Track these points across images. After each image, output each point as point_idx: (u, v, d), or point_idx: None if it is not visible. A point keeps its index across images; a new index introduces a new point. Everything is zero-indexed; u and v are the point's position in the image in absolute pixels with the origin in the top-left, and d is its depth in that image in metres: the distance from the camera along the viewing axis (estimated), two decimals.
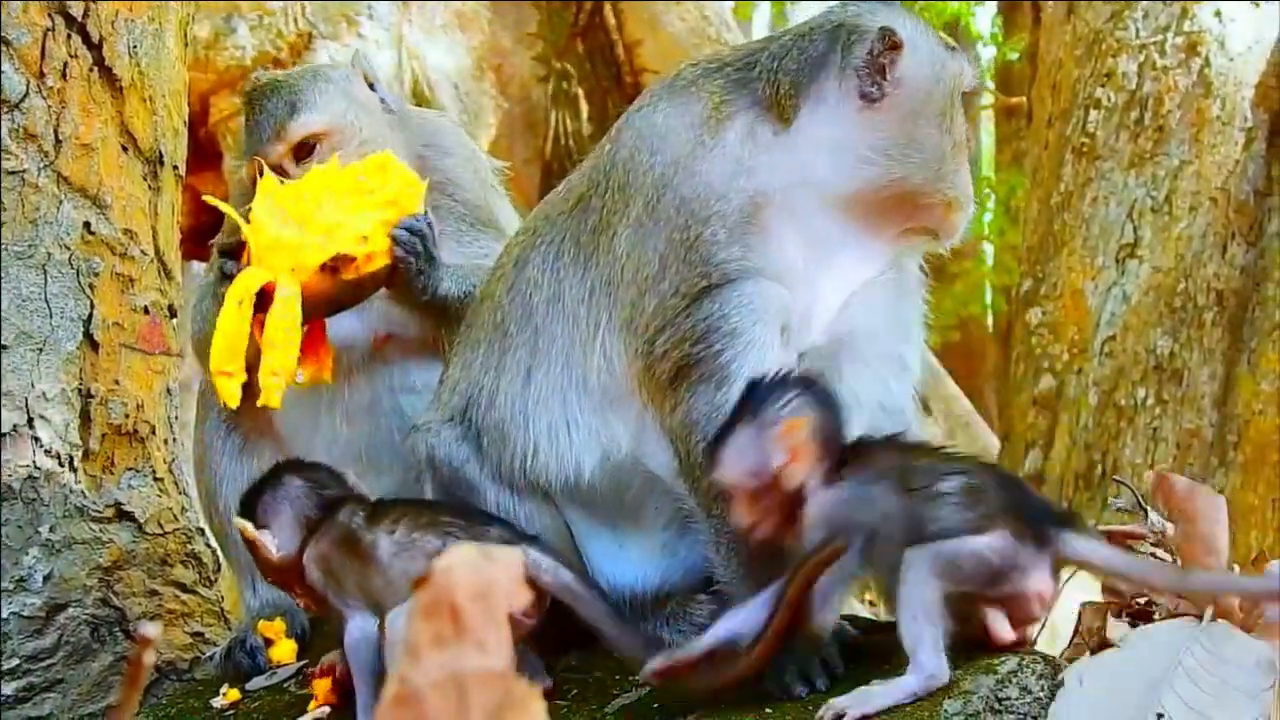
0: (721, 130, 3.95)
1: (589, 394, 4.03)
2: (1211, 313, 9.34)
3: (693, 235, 3.85)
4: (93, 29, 4.79)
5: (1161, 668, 3.27)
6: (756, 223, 3.86)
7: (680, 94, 4.06)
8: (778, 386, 3.65)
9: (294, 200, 4.28)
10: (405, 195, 4.37)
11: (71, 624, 4.67)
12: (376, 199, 4.34)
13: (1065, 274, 9.90)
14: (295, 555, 3.96)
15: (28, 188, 4.67)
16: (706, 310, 3.81)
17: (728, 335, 3.79)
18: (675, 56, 13.74)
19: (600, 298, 4.02)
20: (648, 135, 4.03)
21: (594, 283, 4.04)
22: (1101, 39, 9.94)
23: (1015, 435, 10.29)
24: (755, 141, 3.93)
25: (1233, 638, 3.35)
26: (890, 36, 3.88)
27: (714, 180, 3.88)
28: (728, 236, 3.83)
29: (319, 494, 4.03)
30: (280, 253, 4.23)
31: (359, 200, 4.33)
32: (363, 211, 4.31)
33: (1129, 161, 9.71)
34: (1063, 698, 3.28)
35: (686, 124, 3.98)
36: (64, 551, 4.68)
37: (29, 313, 4.66)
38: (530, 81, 13.96)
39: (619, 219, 4.00)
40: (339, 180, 4.35)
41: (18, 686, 4.57)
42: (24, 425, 4.63)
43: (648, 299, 3.89)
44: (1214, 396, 9.24)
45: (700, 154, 3.92)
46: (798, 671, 3.59)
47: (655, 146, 3.98)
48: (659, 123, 4.03)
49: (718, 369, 3.79)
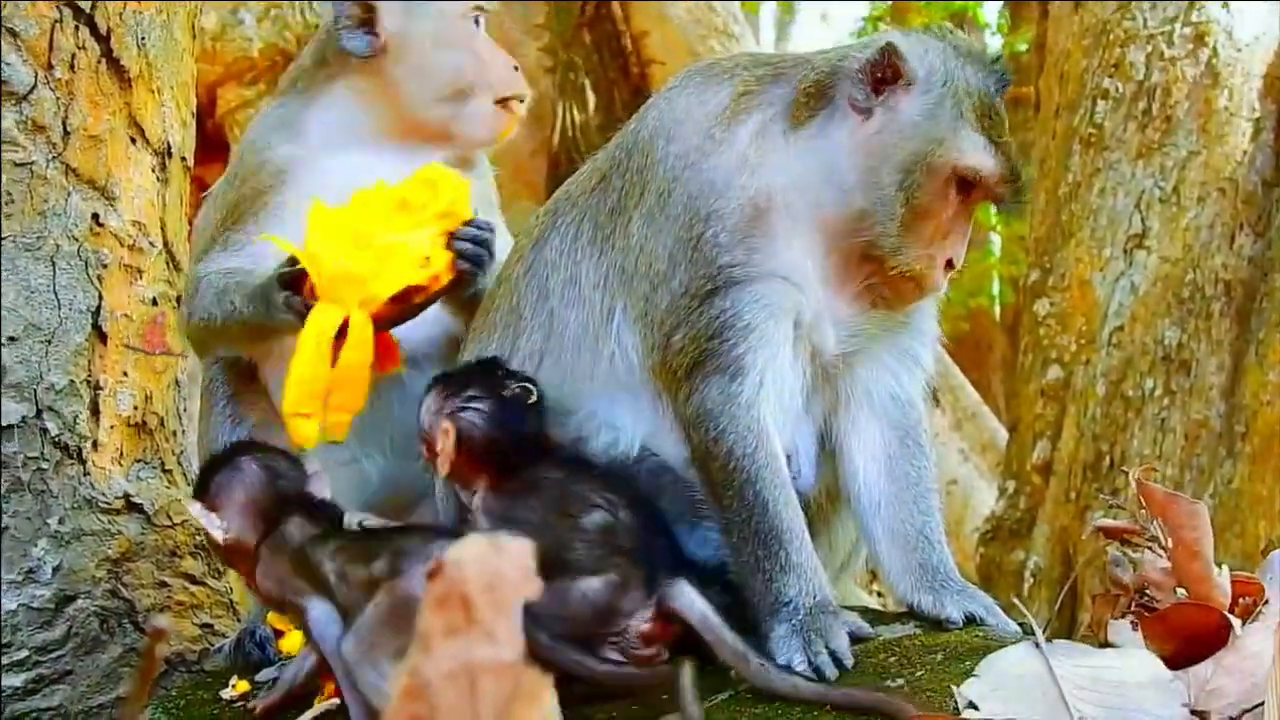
0: (735, 125, 3.95)
1: (602, 380, 4.04)
2: (1219, 303, 9.33)
3: (696, 234, 3.86)
4: (101, 20, 4.79)
5: (1046, 686, 3.28)
6: (761, 224, 3.86)
7: (710, 81, 4.08)
8: (469, 385, 4.00)
9: (348, 229, 4.21)
10: (457, 204, 4.29)
11: (81, 615, 4.67)
12: (428, 213, 4.25)
13: (1073, 265, 9.88)
14: (244, 541, 3.99)
15: (36, 179, 4.67)
16: (719, 307, 3.83)
17: (741, 330, 3.82)
18: (682, 48, 13.75)
19: (615, 285, 4.04)
20: (668, 120, 4.05)
21: (609, 268, 4.06)
22: (1109, 29, 9.92)
23: (1023, 426, 10.29)
24: (765, 140, 3.93)
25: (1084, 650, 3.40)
26: (893, 54, 3.86)
27: (717, 178, 3.89)
28: (729, 239, 3.84)
29: (274, 483, 4.05)
30: (347, 285, 4.17)
31: (411, 218, 4.24)
32: (417, 229, 4.23)
33: (1137, 152, 9.69)
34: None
35: (705, 113, 3.99)
36: (73, 543, 4.68)
37: (37, 304, 4.66)
38: (537, 73, 13.95)
39: (635, 204, 4.02)
40: (387, 200, 4.26)
41: (27, 678, 4.58)
42: (33, 417, 4.63)
43: (660, 294, 3.91)
44: (1222, 387, 9.22)
45: (709, 148, 3.93)
46: (808, 663, 3.60)
47: (672, 133, 4.00)
48: (680, 108, 4.05)
49: (732, 361, 3.82)
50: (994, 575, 10.17)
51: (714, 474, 3.84)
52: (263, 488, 4.04)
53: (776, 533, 3.78)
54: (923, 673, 3.55)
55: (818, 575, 3.80)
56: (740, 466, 3.81)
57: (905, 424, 4.05)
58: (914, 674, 3.55)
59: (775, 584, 3.76)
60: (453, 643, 1.73)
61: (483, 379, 4.03)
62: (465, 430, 3.94)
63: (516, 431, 3.94)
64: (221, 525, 3.98)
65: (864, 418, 4.05)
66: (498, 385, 4.00)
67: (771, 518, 3.78)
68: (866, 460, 4.04)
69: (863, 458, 4.04)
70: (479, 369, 4.12)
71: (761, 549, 3.78)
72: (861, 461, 4.04)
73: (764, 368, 3.82)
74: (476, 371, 4.10)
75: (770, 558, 3.77)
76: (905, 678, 3.54)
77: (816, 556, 3.84)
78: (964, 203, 3.91)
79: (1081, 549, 9.36)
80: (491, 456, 3.93)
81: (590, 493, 3.80)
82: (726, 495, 3.82)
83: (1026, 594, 9.61)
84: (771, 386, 3.86)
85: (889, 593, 4.11)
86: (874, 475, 4.03)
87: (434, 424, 3.99)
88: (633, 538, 3.73)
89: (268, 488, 4.04)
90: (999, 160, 3.87)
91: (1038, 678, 3.29)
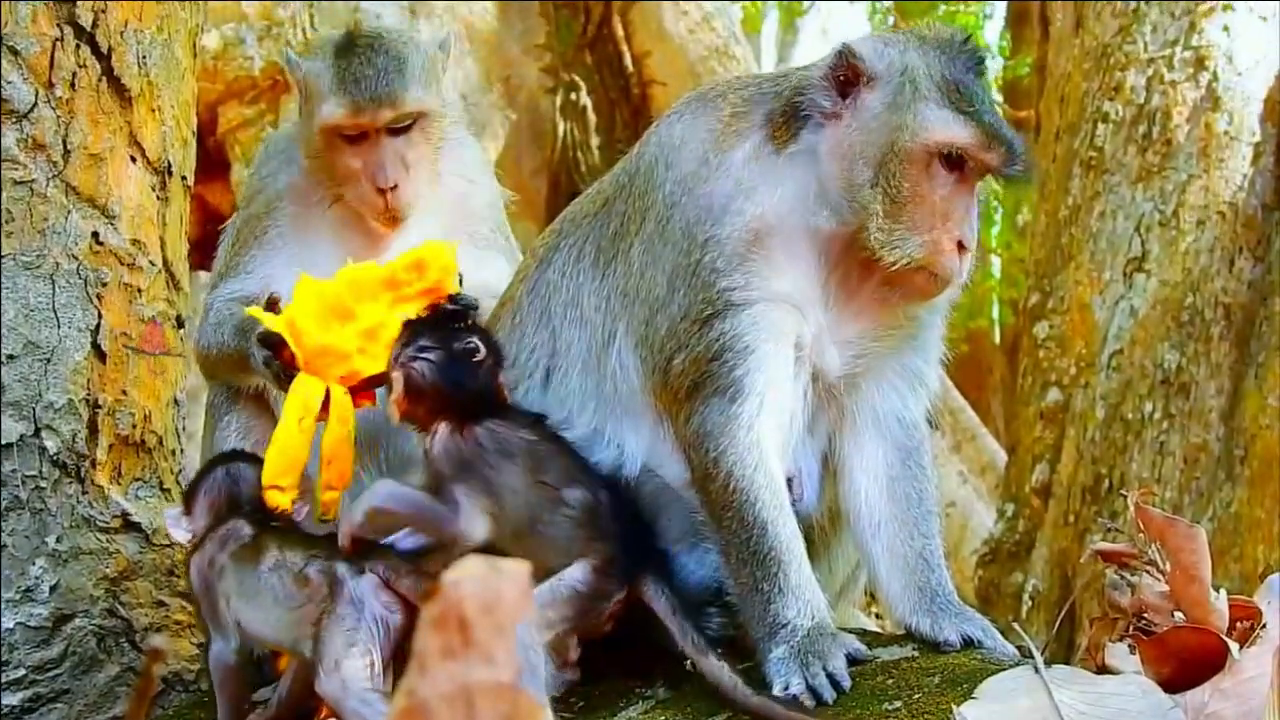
0: (730, 148, 3.96)
1: (604, 400, 4.06)
2: (1219, 327, 9.33)
3: (694, 260, 3.87)
4: (102, 39, 4.79)
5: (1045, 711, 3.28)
6: (759, 247, 3.86)
7: (704, 106, 4.10)
8: (421, 335, 4.04)
9: (333, 300, 4.25)
10: (443, 281, 4.31)
11: (78, 634, 4.66)
12: (414, 290, 4.28)
13: (1073, 287, 9.90)
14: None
15: (36, 198, 4.67)
16: (718, 330, 3.84)
17: (740, 352, 3.83)
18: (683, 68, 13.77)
19: (616, 308, 4.06)
20: (666, 146, 4.07)
21: (610, 292, 4.09)
22: (1110, 53, 9.95)
23: (1022, 448, 10.30)
24: (758, 162, 3.94)
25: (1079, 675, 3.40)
26: (850, 55, 3.87)
27: (714, 203, 3.90)
28: (726, 264, 3.85)
29: (234, 487, 4.19)
30: (329, 359, 4.21)
31: (399, 294, 4.26)
32: (402, 307, 4.24)
33: (1137, 175, 9.71)
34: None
35: (699, 139, 4.00)
36: (71, 562, 4.67)
37: (37, 323, 4.66)
38: (538, 92, 13.98)
39: (636, 229, 4.04)
40: (374, 278, 4.30)
41: (24, 697, 4.57)
42: (31, 435, 4.63)
43: (659, 319, 3.93)
44: (1221, 411, 9.23)
45: (704, 173, 3.94)
46: (805, 685, 3.59)
47: (670, 159, 4.02)
48: (677, 134, 4.07)
49: (731, 383, 3.83)
50: (992, 597, 10.17)
51: (713, 495, 3.84)
52: (224, 489, 4.18)
53: (775, 554, 3.78)
54: (920, 695, 3.54)
55: (816, 597, 3.79)
56: (739, 488, 3.81)
57: (909, 445, 4.05)
58: (911, 696, 3.54)
59: (773, 606, 3.76)
60: (450, 664, 1.73)
61: (437, 330, 4.08)
62: (413, 379, 3.99)
63: (462, 385, 3.98)
64: (188, 528, 4.13)
65: (867, 438, 4.05)
66: (451, 338, 4.04)
67: (770, 539, 3.78)
68: (868, 481, 4.04)
69: (865, 478, 4.04)
70: (437, 320, 4.15)
71: (760, 570, 3.78)
72: (864, 482, 4.04)
73: (764, 390, 3.83)
74: (434, 322, 4.14)
75: (768, 579, 3.77)
76: (903, 700, 3.54)
77: (815, 579, 3.84)
78: (959, 182, 3.87)
79: (1080, 572, 9.36)
80: (440, 406, 3.97)
81: (570, 466, 3.88)
82: (725, 516, 3.83)
83: (1025, 616, 9.60)
84: (771, 408, 3.86)
85: (887, 614, 4.10)
86: (875, 496, 4.03)
87: (391, 368, 4.05)
88: (612, 521, 3.81)
89: (230, 489, 4.18)
90: (973, 129, 3.82)
91: (1037, 702, 3.28)
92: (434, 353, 4.01)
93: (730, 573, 3.86)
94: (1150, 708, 3.25)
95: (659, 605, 3.74)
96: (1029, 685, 3.35)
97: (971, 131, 3.83)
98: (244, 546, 4.03)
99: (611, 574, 3.75)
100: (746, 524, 3.80)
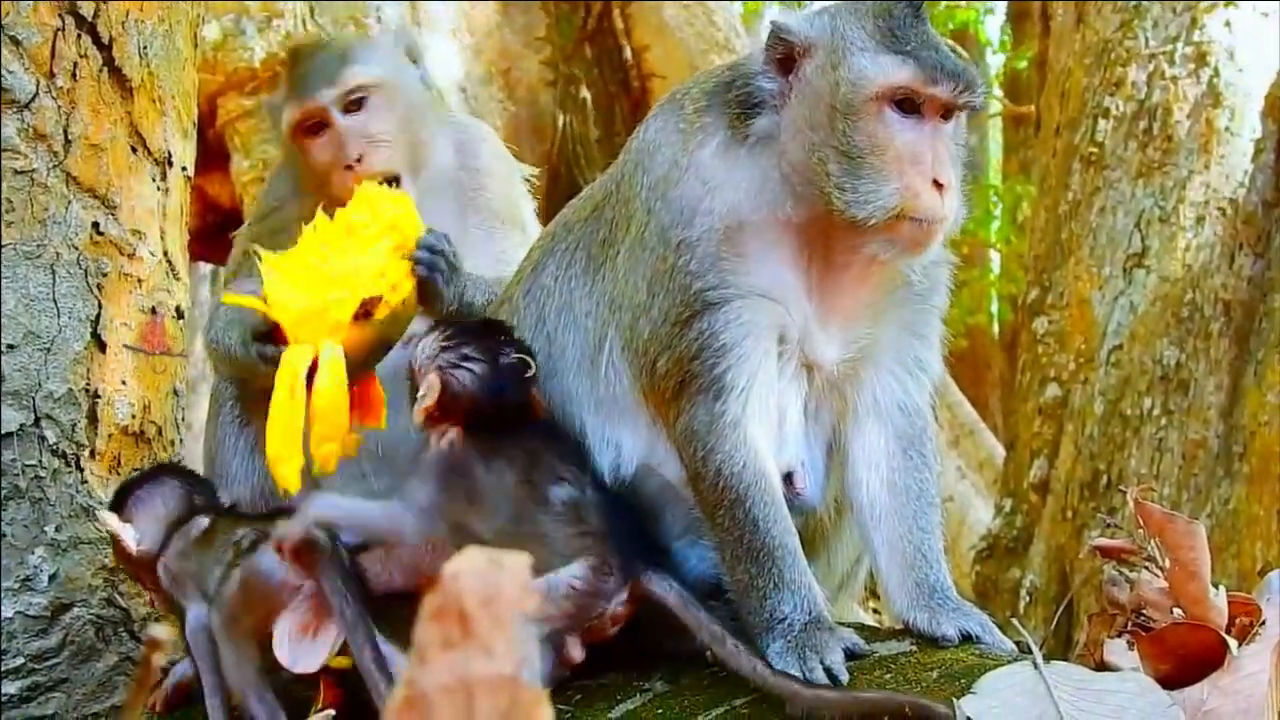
0: (697, 148, 3.95)
1: (600, 402, 4.07)
2: (1218, 323, 9.33)
3: (670, 265, 3.87)
4: (103, 29, 4.79)
5: (1044, 705, 3.28)
6: (731, 244, 3.85)
7: (673, 106, 4.11)
8: (465, 344, 4.02)
9: (301, 268, 4.28)
10: (401, 218, 4.39)
11: (77, 624, 4.67)
12: (375, 231, 4.34)
13: (1072, 283, 9.90)
14: (153, 553, 4.22)
15: (36, 187, 4.67)
16: (696, 329, 3.84)
17: (719, 350, 3.83)
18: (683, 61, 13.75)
19: (605, 314, 4.08)
20: (641, 151, 4.09)
21: (599, 298, 4.10)
22: (1111, 48, 9.95)
23: (1021, 444, 10.30)
24: (724, 158, 3.92)
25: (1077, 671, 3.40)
26: (780, 31, 3.84)
27: (684, 205, 3.90)
28: (699, 266, 3.84)
29: (188, 500, 4.29)
30: (311, 322, 4.22)
31: (359, 239, 4.32)
32: (368, 248, 4.31)
33: (1137, 171, 9.71)
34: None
35: (670, 141, 4.00)
36: (70, 551, 4.68)
37: (37, 312, 4.66)
38: (538, 86, 13.96)
39: (622, 236, 4.07)
40: (333, 229, 4.34)
41: (22, 686, 4.57)
42: (31, 425, 4.63)
43: (642, 324, 3.94)
44: (1220, 407, 9.23)
45: (675, 176, 3.94)
46: (803, 678, 3.59)
47: (646, 164, 4.03)
48: (650, 138, 4.08)
49: (713, 381, 3.83)
50: (990, 593, 10.17)
51: (705, 493, 3.85)
52: (178, 504, 4.28)
53: (769, 550, 3.78)
54: (918, 690, 3.54)
55: (812, 591, 3.79)
56: (729, 485, 3.81)
57: (910, 433, 4.04)
58: (909, 691, 3.54)
59: (769, 601, 3.76)
60: (449, 656, 1.73)
61: (483, 340, 4.06)
62: (453, 387, 3.97)
63: (503, 398, 3.98)
64: (136, 536, 4.21)
65: (869, 427, 4.05)
66: (497, 350, 4.03)
67: (762, 535, 3.78)
68: (870, 472, 4.03)
69: (866, 470, 4.04)
70: (483, 329, 4.14)
71: (754, 566, 3.78)
72: (865, 474, 4.04)
73: (747, 386, 3.83)
74: (479, 331, 4.12)
75: (763, 575, 3.78)
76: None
77: (811, 573, 3.84)
78: (921, 123, 3.78)
79: (1078, 568, 9.36)
80: (470, 416, 3.97)
81: (558, 465, 3.87)
82: (718, 513, 3.83)
83: (1022, 612, 9.61)
84: (757, 404, 3.85)
85: (886, 608, 4.10)
86: (876, 488, 4.03)
87: (425, 369, 4.03)
88: (601, 518, 3.80)
89: (183, 504, 4.27)
90: (912, 66, 3.73)
91: (1035, 697, 3.28)
92: (478, 364, 4.00)
93: (727, 569, 3.87)
94: (1149, 704, 3.24)
95: (670, 599, 3.73)
96: (1027, 681, 3.35)
97: (911, 70, 3.74)
98: (204, 533, 4.19)
99: (609, 572, 3.75)
100: (738, 520, 3.81)
